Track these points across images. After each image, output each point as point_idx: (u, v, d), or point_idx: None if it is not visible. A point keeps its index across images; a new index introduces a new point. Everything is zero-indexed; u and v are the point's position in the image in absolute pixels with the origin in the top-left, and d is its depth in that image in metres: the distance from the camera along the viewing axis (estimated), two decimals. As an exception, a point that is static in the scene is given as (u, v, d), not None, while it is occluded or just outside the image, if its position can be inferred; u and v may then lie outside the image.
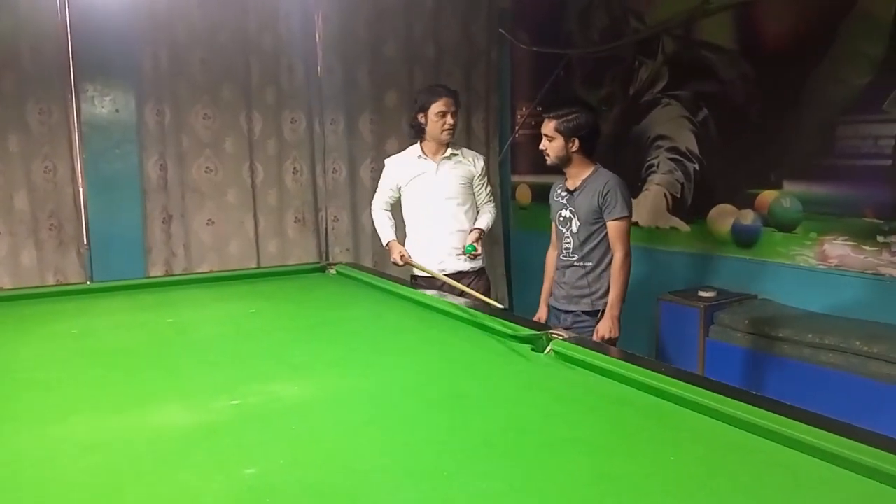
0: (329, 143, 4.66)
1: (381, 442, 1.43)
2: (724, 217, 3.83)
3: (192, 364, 1.97)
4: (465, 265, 3.22)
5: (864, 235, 3.22)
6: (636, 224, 4.34)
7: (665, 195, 4.16)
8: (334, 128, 4.66)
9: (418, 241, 3.30)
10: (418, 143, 3.28)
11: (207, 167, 4.31)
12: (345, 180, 4.72)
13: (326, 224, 4.72)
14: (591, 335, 2.78)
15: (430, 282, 3.01)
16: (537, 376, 1.83)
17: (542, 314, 3.09)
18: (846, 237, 3.29)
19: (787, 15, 3.48)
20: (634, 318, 3.03)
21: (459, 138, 5.04)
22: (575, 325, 2.84)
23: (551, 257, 3.08)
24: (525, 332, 2.08)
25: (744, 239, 3.73)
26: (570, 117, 2.78)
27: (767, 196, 3.61)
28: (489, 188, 3.39)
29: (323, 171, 4.67)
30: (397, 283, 2.94)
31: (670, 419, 1.53)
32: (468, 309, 2.35)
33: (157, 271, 4.17)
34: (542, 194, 4.80)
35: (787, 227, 3.53)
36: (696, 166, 3.95)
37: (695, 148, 3.96)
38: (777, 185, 3.56)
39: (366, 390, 1.75)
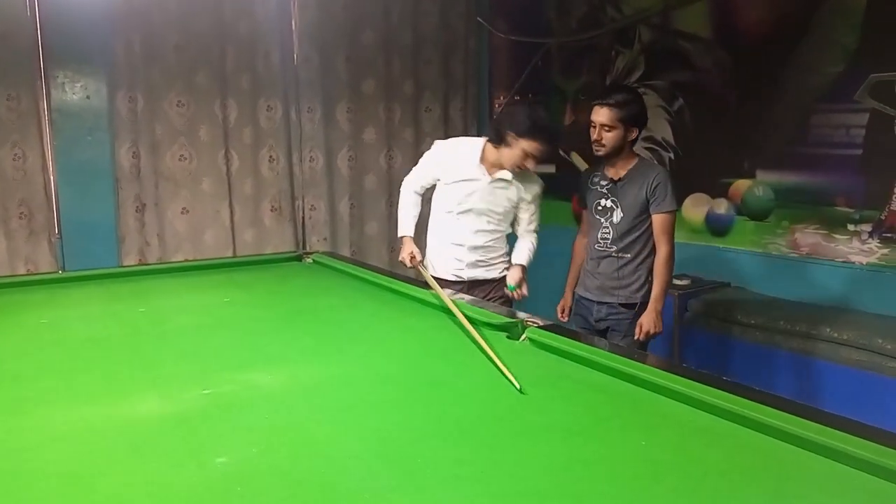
0: (306, 131, 4.62)
1: (355, 429, 1.43)
2: (698, 206, 3.86)
3: (165, 354, 1.94)
4: (483, 273, 2.89)
5: (835, 224, 3.26)
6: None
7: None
8: (311, 116, 4.62)
9: (439, 244, 2.96)
10: (481, 146, 2.81)
11: (182, 155, 4.25)
12: (322, 169, 4.69)
13: (303, 213, 4.69)
14: (629, 328, 2.71)
15: (448, 283, 2.80)
16: (512, 363, 1.83)
17: (567, 302, 2.99)
18: (818, 226, 3.34)
19: (762, 4, 3.51)
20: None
21: (437, 126, 5.06)
22: (610, 317, 2.77)
23: (580, 245, 2.97)
24: (500, 319, 2.09)
25: (717, 228, 3.77)
26: (629, 105, 2.62)
27: (741, 185, 3.65)
28: (537, 217, 2.94)
29: (300, 160, 4.63)
30: (374, 272, 2.93)
31: (643, 405, 1.54)
32: (443, 297, 2.36)
33: (130, 261, 4.12)
34: (519, 183, 4.82)
35: (759, 215, 3.58)
36: (672, 156, 3.98)
37: (670, 137, 3.98)
38: (750, 175, 3.60)
39: (340, 378, 1.74)
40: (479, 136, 5.20)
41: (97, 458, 1.30)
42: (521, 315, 2.13)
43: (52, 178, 3.95)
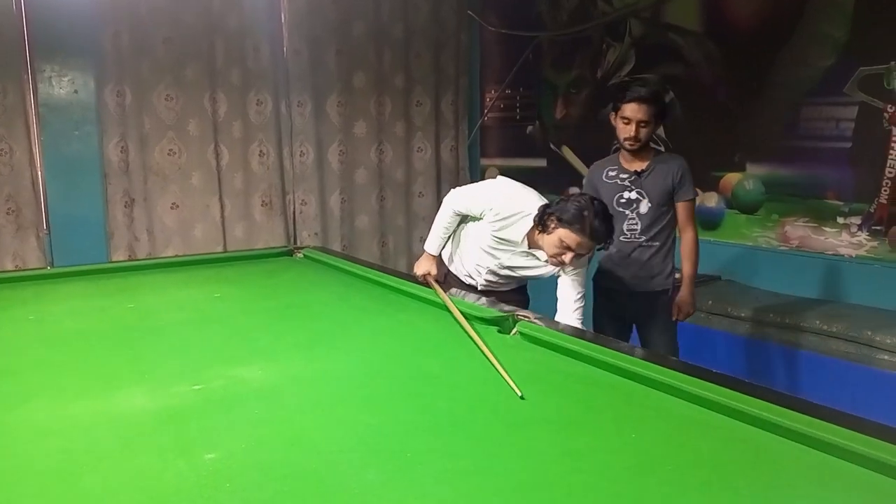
0: (296, 125, 4.60)
1: (346, 423, 1.43)
2: (689, 199, 3.86)
3: (154, 349, 1.93)
4: (497, 288, 2.67)
5: (824, 217, 3.28)
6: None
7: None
8: (301, 110, 4.60)
9: (459, 257, 2.75)
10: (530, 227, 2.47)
11: (171, 150, 4.22)
12: (312, 163, 4.66)
13: (294, 208, 4.67)
14: (662, 314, 2.80)
15: (461, 284, 2.68)
16: (504, 357, 1.83)
17: None
18: (807, 219, 3.35)
19: (751, -2, 3.51)
20: (601, 300, 3.05)
21: (427, 120, 5.04)
22: (646, 306, 2.81)
23: None
24: (491, 314, 2.09)
25: (708, 221, 3.78)
26: (661, 100, 2.76)
27: (731, 178, 3.66)
28: (582, 294, 2.43)
29: (290, 154, 4.61)
30: (365, 266, 2.92)
31: (634, 398, 1.55)
32: (435, 292, 2.35)
33: (119, 256, 4.09)
34: (511, 177, 4.78)
35: (749, 209, 3.59)
36: (662, 149, 3.97)
37: (661, 131, 3.98)
38: (740, 168, 3.61)
39: (331, 373, 1.74)
40: (469, 131, 5.29)
41: (85, 453, 1.29)
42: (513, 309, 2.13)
43: (39, 172, 3.92)
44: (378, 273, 2.74)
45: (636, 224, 2.80)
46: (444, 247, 2.72)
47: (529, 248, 2.50)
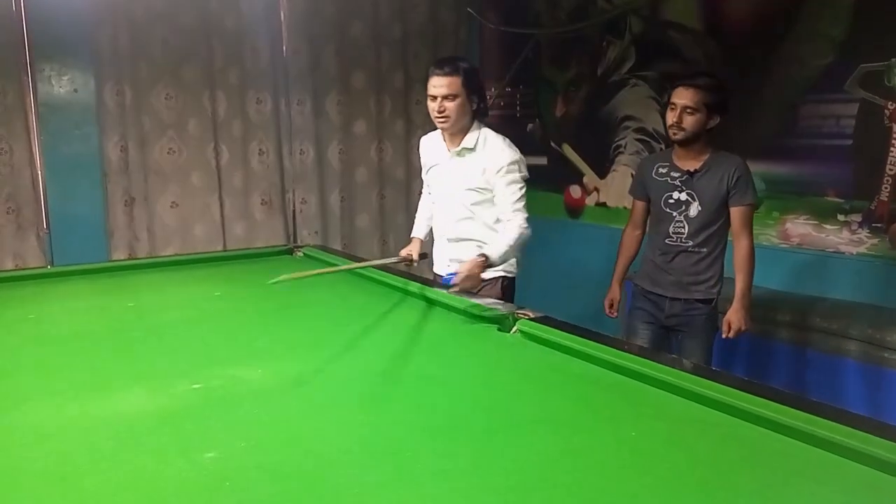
0: (295, 124, 4.60)
1: (344, 424, 1.43)
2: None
3: (153, 348, 1.93)
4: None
5: (825, 214, 3.27)
6: (604, 204, 4.38)
7: (633, 176, 4.17)
8: (301, 109, 4.59)
9: (435, 240, 2.84)
10: None
11: (170, 149, 4.22)
12: (312, 162, 4.66)
13: (294, 206, 4.67)
14: (705, 324, 2.63)
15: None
16: (503, 356, 1.84)
17: (615, 294, 2.91)
18: (808, 216, 3.34)
19: (751, -5, 3.51)
20: (602, 298, 3.04)
21: (427, 119, 5.02)
22: (685, 313, 2.66)
23: (631, 237, 2.88)
24: (491, 312, 2.09)
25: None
26: (715, 91, 2.49)
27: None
28: (516, 194, 2.49)
29: (290, 153, 4.60)
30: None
31: (633, 396, 1.55)
32: (436, 291, 2.35)
33: (119, 255, 4.09)
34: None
35: (750, 206, 3.58)
36: (662, 146, 3.98)
37: (661, 129, 3.97)
38: (741, 165, 3.60)
39: (330, 373, 1.73)
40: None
41: (82, 454, 1.29)
42: (513, 307, 2.13)
43: (39, 172, 3.92)
44: (377, 272, 2.73)
45: (683, 227, 2.62)
46: (425, 230, 2.88)
47: (450, 146, 2.62)
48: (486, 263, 2.38)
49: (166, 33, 4.09)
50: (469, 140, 2.56)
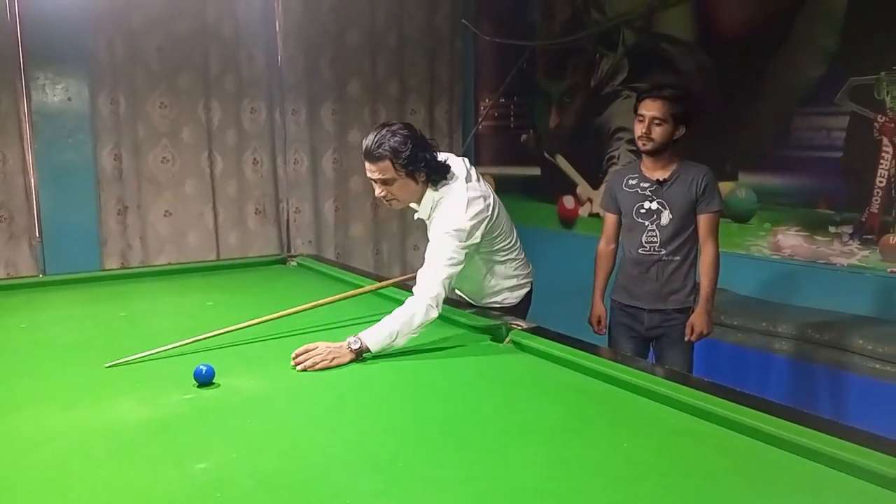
0: (290, 133, 4.60)
1: (337, 433, 1.43)
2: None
3: (146, 358, 1.92)
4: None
5: (816, 226, 3.29)
6: (597, 215, 4.39)
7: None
8: (295, 118, 4.60)
9: None
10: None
11: (164, 157, 4.22)
12: (307, 171, 4.66)
13: (288, 215, 4.67)
14: (682, 333, 2.64)
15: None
16: (496, 366, 1.84)
17: (600, 311, 2.86)
18: (799, 227, 3.36)
19: (743, 7, 3.53)
20: (594, 308, 3.05)
21: (422, 129, 5.00)
22: (664, 324, 2.67)
23: (607, 251, 2.86)
24: (484, 322, 2.09)
25: (701, 229, 3.78)
26: (681, 101, 2.58)
27: (723, 187, 3.65)
28: (442, 251, 2.07)
29: (284, 162, 4.60)
30: (359, 275, 2.92)
31: (625, 407, 1.55)
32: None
33: (112, 264, 4.08)
34: (505, 185, 4.83)
35: (742, 217, 3.60)
36: (656, 158, 4.00)
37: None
38: (733, 177, 3.62)
39: (323, 382, 1.73)
40: (463, 140, 5.31)
41: (74, 463, 1.28)
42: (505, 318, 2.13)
43: (32, 180, 3.91)
44: (371, 281, 2.73)
45: (656, 236, 2.65)
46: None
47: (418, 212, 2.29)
48: (358, 350, 1.89)
49: (161, 42, 4.10)
50: (423, 210, 2.26)
